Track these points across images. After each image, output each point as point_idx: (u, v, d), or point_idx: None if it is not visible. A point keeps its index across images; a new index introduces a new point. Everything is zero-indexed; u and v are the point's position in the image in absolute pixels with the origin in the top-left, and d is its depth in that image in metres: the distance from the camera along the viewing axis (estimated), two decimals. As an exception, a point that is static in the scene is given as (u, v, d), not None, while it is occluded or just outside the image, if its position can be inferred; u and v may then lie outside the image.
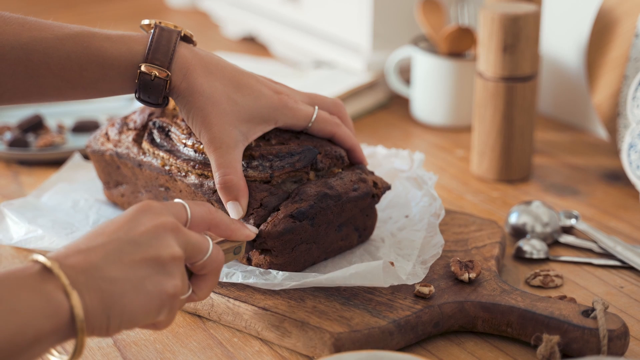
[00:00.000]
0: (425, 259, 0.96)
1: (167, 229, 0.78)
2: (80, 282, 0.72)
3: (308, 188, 0.96)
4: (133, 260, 0.75)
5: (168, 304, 0.77)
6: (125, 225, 0.77)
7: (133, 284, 0.75)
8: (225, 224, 0.88)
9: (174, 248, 0.78)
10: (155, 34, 0.94)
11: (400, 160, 1.12)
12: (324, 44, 1.61)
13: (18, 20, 0.92)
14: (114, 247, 0.75)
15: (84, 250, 0.74)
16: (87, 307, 0.72)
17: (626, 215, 1.18)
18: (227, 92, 0.95)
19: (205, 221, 0.85)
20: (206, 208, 0.85)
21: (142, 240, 0.77)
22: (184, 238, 0.80)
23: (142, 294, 0.75)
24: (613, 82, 1.27)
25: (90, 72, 0.93)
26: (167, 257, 0.77)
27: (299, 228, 0.94)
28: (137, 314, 0.75)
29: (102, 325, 0.73)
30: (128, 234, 0.76)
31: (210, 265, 0.83)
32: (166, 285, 0.77)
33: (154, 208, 0.80)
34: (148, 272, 0.76)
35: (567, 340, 0.88)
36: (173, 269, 0.78)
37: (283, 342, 0.91)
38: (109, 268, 0.74)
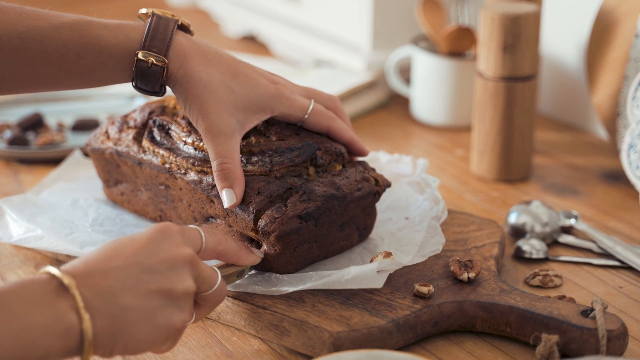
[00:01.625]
0: (424, 253, 0.96)
1: (185, 261, 0.80)
2: (94, 305, 0.73)
3: (316, 187, 0.96)
4: (148, 289, 0.76)
5: (174, 336, 0.79)
6: (145, 249, 0.78)
7: (145, 314, 0.76)
8: (234, 252, 0.90)
9: (188, 282, 0.79)
10: (153, 22, 0.94)
11: (403, 165, 1.12)
12: (324, 43, 1.61)
13: (15, 9, 0.92)
14: (132, 273, 0.76)
15: (103, 272, 0.75)
16: (96, 330, 0.73)
17: (626, 216, 1.18)
18: (224, 80, 0.95)
19: (216, 250, 0.87)
20: (217, 238, 0.87)
21: (160, 269, 0.78)
22: (198, 271, 0.81)
23: (151, 325, 0.76)
24: (613, 82, 1.27)
25: (88, 60, 0.93)
26: (181, 291, 0.78)
27: (304, 228, 0.94)
28: (143, 342, 0.76)
29: (107, 348, 0.75)
30: (147, 259, 0.77)
31: (212, 299, 0.84)
32: (175, 318, 0.78)
33: (174, 234, 0.80)
34: (160, 304, 0.77)
35: (566, 340, 0.88)
36: (184, 303, 0.79)
37: (282, 341, 0.91)
38: (124, 295, 0.75)
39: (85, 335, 0.72)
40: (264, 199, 0.94)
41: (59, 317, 0.71)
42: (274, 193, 0.94)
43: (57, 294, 0.72)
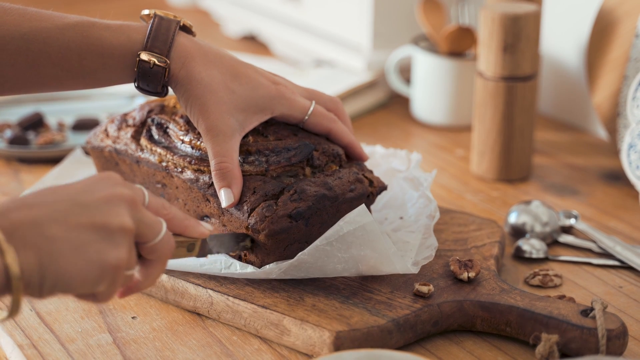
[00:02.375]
0: (417, 261, 0.96)
1: (123, 199, 0.76)
2: (17, 237, 0.69)
3: (308, 187, 0.96)
4: (79, 222, 0.72)
5: (109, 275, 0.74)
6: (80, 189, 0.74)
7: (73, 246, 0.71)
8: (179, 219, 0.84)
9: (125, 218, 0.75)
10: (155, 23, 0.94)
11: (398, 160, 1.12)
12: (324, 43, 1.61)
13: (18, 10, 0.92)
14: (62, 207, 0.72)
15: (29, 205, 0.71)
16: (22, 264, 0.69)
17: (625, 216, 1.18)
18: (225, 80, 0.96)
19: (160, 214, 0.82)
20: (162, 202, 0.82)
21: (94, 204, 0.74)
22: (138, 214, 0.77)
23: (81, 259, 0.72)
24: (613, 82, 1.27)
25: (90, 61, 0.93)
26: (116, 226, 0.74)
27: (294, 228, 0.94)
28: (73, 279, 0.72)
29: (36, 285, 0.71)
30: (80, 196, 0.74)
31: (159, 250, 0.79)
32: (109, 254, 0.73)
33: (114, 178, 0.77)
34: (92, 238, 0.72)
35: (566, 339, 0.88)
36: (120, 239, 0.74)
37: (282, 341, 0.91)
38: (52, 226, 0.71)
39: (11, 270, 0.68)
40: (259, 199, 0.94)
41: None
42: (269, 192, 0.95)
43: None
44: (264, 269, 0.93)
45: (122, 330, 0.94)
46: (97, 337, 0.92)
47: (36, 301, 0.98)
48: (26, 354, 0.90)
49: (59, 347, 0.91)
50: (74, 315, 0.96)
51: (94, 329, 0.94)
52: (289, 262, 0.92)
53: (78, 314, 0.96)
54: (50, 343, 0.92)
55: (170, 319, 0.95)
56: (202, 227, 0.87)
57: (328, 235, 0.91)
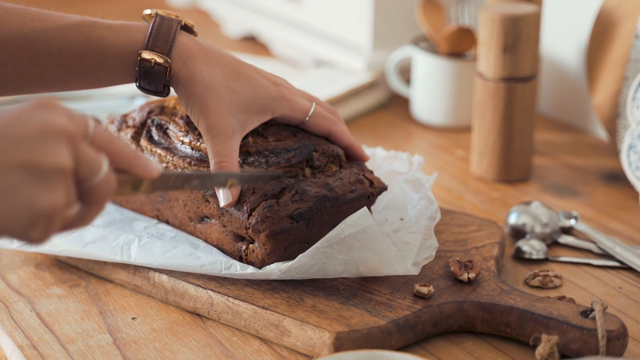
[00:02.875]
0: (417, 261, 0.96)
1: (61, 134, 0.67)
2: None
3: (309, 188, 0.96)
4: (7, 162, 0.64)
5: (42, 220, 0.66)
6: (12, 120, 0.66)
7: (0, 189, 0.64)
8: (127, 155, 0.74)
9: (62, 156, 0.67)
10: (156, 22, 0.95)
11: (399, 162, 1.12)
12: (324, 44, 1.61)
13: (20, 10, 0.92)
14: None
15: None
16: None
17: (625, 216, 1.18)
18: (226, 80, 0.96)
19: (105, 147, 0.72)
20: (110, 134, 0.73)
21: (25, 140, 0.65)
22: (77, 150, 0.68)
23: (8, 205, 0.64)
24: (613, 83, 1.27)
25: (92, 60, 0.93)
26: (50, 166, 0.66)
27: (295, 229, 0.94)
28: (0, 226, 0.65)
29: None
30: (11, 129, 0.66)
31: (98, 192, 0.71)
32: (41, 199, 0.66)
33: (54, 107, 0.68)
34: (22, 179, 0.65)
35: (566, 340, 0.88)
36: (54, 180, 0.66)
37: (282, 341, 0.91)
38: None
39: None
40: (258, 199, 0.94)
41: None
42: (269, 193, 0.95)
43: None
44: (265, 270, 0.93)
45: (122, 331, 0.94)
46: (97, 337, 0.92)
47: (37, 302, 0.98)
48: (26, 355, 0.90)
49: (59, 347, 0.91)
50: (74, 316, 0.96)
51: (94, 330, 0.94)
52: (290, 264, 0.92)
53: (78, 315, 0.96)
54: (50, 344, 0.92)
55: (171, 320, 0.96)
56: (151, 166, 0.76)
57: (329, 237, 0.91)
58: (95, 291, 1.00)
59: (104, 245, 1.00)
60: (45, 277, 1.02)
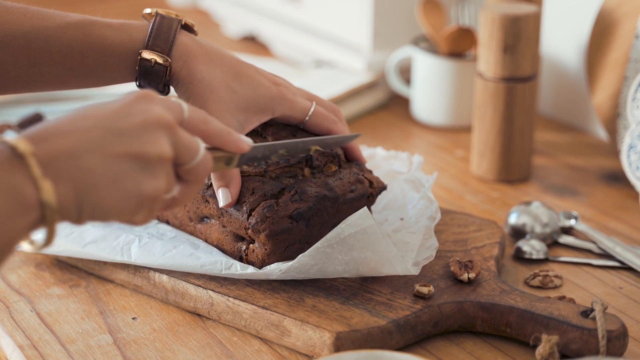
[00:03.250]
0: (417, 261, 0.96)
1: (161, 124, 0.73)
2: (53, 168, 0.67)
3: (308, 188, 0.96)
4: (115, 152, 0.70)
5: (147, 205, 0.72)
6: (116, 113, 0.72)
7: (111, 178, 0.70)
8: (219, 134, 0.81)
9: (163, 146, 0.73)
10: (156, 22, 0.95)
11: (399, 162, 1.12)
12: (324, 44, 1.61)
13: (20, 9, 0.92)
14: (98, 134, 0.70)
15: (65, 133, 0.69)
16: (59, 197, 0.67)
17: (625, 216, 1.18)
18: (226, 80, 0.96)
19: (199, 129, 0.79)
20: (203, 115, 0.80)
21: (131, 132, 0.71)
22: (176, 138, 0.74)
23: (118, 191, 0.70)
24: (613, 83, 1.28)
25: (92, 59, 0.93)
26: (154, 155, 0.72)
27: (295, 229, 0.94)
28: (111, 209, 0.70)
29: (73, 215, 0.69)
30: (116, 122, 0.71)
31: (196, 172, 0.77)
32: (146, 185, 0.72)
33: (151, 98, 0.74)
34: (129, 168, 0.71)
35: (566, 340, 0.88)
36: (158, 168, 0.72)
37: (282, 341, 0.91)
38: (88, 157, 0.69)
39: (46, 205, 0.66)
40: (258, 199, 0.94)
41: (16, 193, 0.65)
42: (268, 193, 0.95)
43: (11, 165, 0.66)
44: (265, 270, 0.93)
45: (122, 331, 0.94)
46: (98, 337, 0.92)
47: (37, 302, 0.98)
48: (27, 355, 0.90)
49: (59, 347, 0.91)
50: (74, 316, 0.96)
51: (95, 330, 0.94)
52: (290, 264, 0.92)
53: (78, 315, 0.96)
54: (50, 344, 0.92)
55: (171, 320, 0.96)
56: (242, 141, 0.83)
57: (329, 237, 0.91)
58: (95, 291, 1.00)
59: (104, 245, 1.00)
60: (46, 277, 1.02)
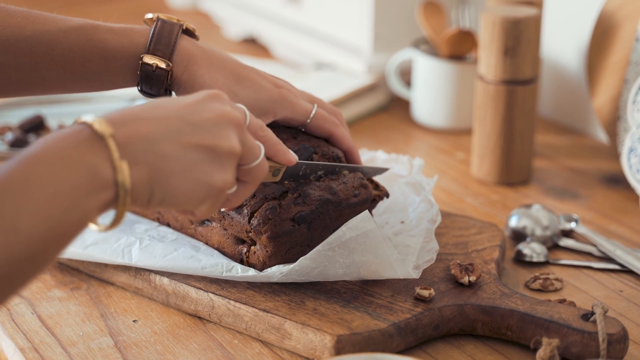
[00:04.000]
0: (418, 264, 0.96)
1: (232, 122, 0.78)
2: (130, 152, 0.70)
3: (312, 191, 0.96)
4: (190, 142, 0.74)
5: (214, 195, 0.76)
6: (191, 106, 0.76)
7: (184, 166, 0.73)
8: (273, 143, 0.87)
9: (234, 142, 0.77)
10: (157, 26, 0.95)
11: (400, 165, 1.12)
12: (324, 46, 1.61)
13: (22, 13, 0.92)
14: (174, 124, 0.73)
15: (143, 119, 0.72)
16: (133, 179, 0.70)
17: (626, 219, 1.18)
18: (228, 84, 0.96)
19: (258, 134, 0.85)
20: (260, 124, 0.85)
21: (205, 125, 0.75)
22: (243, 136, 0.79)
23: (190, 179, 0.74)
24: (613, 85, 1.28)
25: (93, 64, 0.94)
26: (225, 149, 0.76)
27: (297, 231, 0.94)
28: (180, 196, 0.74)
29: (144, 199, 0.72)
30: (192, 115, 0.75)
31: (254, 173, 0.82)
32: (216, 176, 0.76)
33: (222, 98, 0.79)
34: (201, 159, 0.74)
35: (567, 343, 0.88)
36: (227, 162, 0.77)
37: (283, 344, 0.91)
38: (164, 143, 0.72)
39: (121, 184, 0.69)
40: (258, 202, 0.94)
41: (93, 172, 0.68)
42: (269, 196, 0.95)
43: (90, 146, 0.69)
44: (266, 273, 0.93)
45: (123, 333, 0.94)
46: (99, 340, 0.93)
47: (38, 305, 0.98)
48: (27, 358, 0.90)
49: (60, 350, 0.91)
50: (75, 319, 0.96)
51: (95, 333, 0.94)
52: (291, 266, 0.92)
53: (79, 317, 0.96)
54: (51, 346, 0.92)
55: (172, 323, 0.96)
56: (290, 154, 0.89)
57: (330, 240, 0.91)
58: (96, 294, 1.00)
59: (105, 248, 1.00)
60: (46, 279, 1.02)
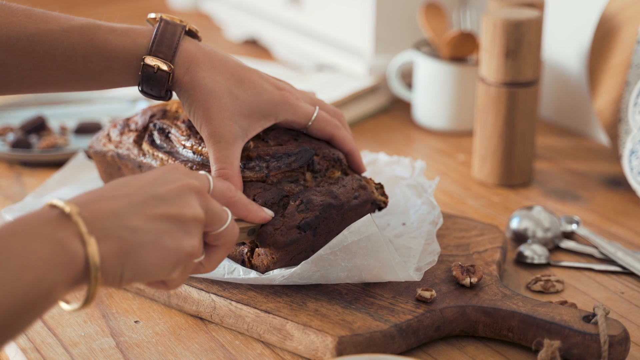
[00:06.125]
0: (420, 266, 0.96)
1: (193, 190, 0.79)
2: (98, 228, 0.71)
3: (314, 197, 0.96)
4: (156, 214, 0.75)
5: (184, 261, 0.77)
6: (152, 181, 0.78)
7: (153, 236, 0.74)
8: (244, 204, 0.89)
9: (197, 209, 0.78)
10: (160, 27, 0.95)
11: (402, 167, 1.12)
12: (326, 48, 1.61)
13: (25, 11, 0.92)
14: (139, 199, 0.75)
15: (107, 198, 0.74)
16: (103, 254, 0.71)
17: (627, 221, 1.18)
18: (229, 86, 0.96)
19: (225, 197, 0.86)
20: (227, 186, 0.87)
21: (168, 196, 0.77)
22: (207, 203, 0.80)
23: (160, 248, 0.75)
24: (614, 88, 1.28)
25: (95, 64, 0.93)
26: (189, 217, 0.77)
27: (303, 239, 0.94)
28: (152, 266, 0.74)
29: (116, 275, 0.72)
30: (154, 189, 0.77)
31: (224, 238, 0.83)
32: (185, 242, 0.77)
33: (181, 170, 0.81)
34: (169, 228, 0.76)
35: (568, 345, 0.88)
36: (193, 229, 0.78)
37: (285, 345, 0.91)
38: (131, 217, 0.73)
39: (91, 260, 0.70)
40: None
41: (61, 246, 0.69)
42: (269, 201, 0.95)
43: (58, 223, 0.70)
44: (267, 275, 0.93)
45: (125, 334, 0.94)
46: (100, 341, 0.93)
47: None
48: (29, 358, 0.90)
49: (62, 351, 0.91)
50: (77, 319, 0.96)
51: (97, 333, 0.94)
52: (292, 270, 0.92)
53: (81, 318, 0.96)
54: (53, 347, 0.92)
55: (173, 323, 0.96)
56: (264, 212, 0.92)
57: (332, 244, 0.91)
58: (98, 294, 1.00)
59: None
60: (48, 280, 1.02)
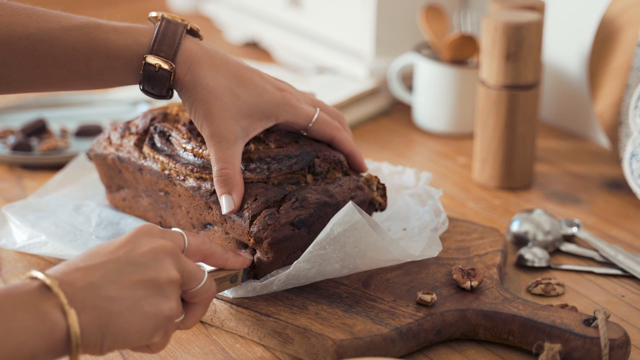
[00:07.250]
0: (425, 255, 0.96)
1: (166, 252, 0.80)
2: (77, 299, 0.73)
3: (309, 195, 0.96)
4: (131, 280, 0.76)
5: (163, 325, 0.78)
6: (124, 246, 0.78)
7: (130, 303, 0.76)
8: (219, 254, 0.90)
9: (172, 271, 0.79)
10: (162, 26, 0.95)
11: (406, 177, 1.12)
12: (326, 50, 1.61)
13: (26, 10, 0.92)
14: (113, 267, 0.76)
15: (83, 269, 0.75)
16: (82, 324, 0.73)
17: (627, 224, 1.18)
18: (230, 86, 0.96)
19: (201, 251, 0.87)
20: (201, 239, 0.88)
21: (141, 261, 0.78)
22: (181, 264, 0.81)
23: (138, 314, 0.76)
24: (615, 90, 1.28)
25: (96, 62, 0.93)
26: (165, 280, 0.78)
27: (297, 236, 0.94)
28: (132, 334, 0.76)
29: (97, 344, 0.74)
30: (127, 254, 0.78)
31: (202, 295, 0.84)
32: (163, 307, 0.78)
33: (154, 231, 0.81)
34: (145, 293, 0.77)
35: (569, 349, 0.88)
36: (170, 291, 0.79)
37: (285, 349, 0.91)
38: (107, 287, 0.75)
39: (72, 330, 0.72)
40: (260, 205, 0.94)
41: (43, 317, 0.71)
42: (270, 199, 0.95)
43: (39, 294, 0.72)
44: (263, 282, 0.93)
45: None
46: (101, 344, 0.92)
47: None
48: (30, 361, 0.90)
49: None
50: (77, 323, 0.96)
51: (97, 337, 0.94)
52: (287, 272, 0.92)
53: (81, 321, 0.96)
54: (53, 350, 0.92)
55: (174, 327, 0.96)
56: (242, 258, 0.92)
57: (320, 240, 0.91)
58: None
59: (107, 252, 0.99)
60: (48, 283, 1.02)
